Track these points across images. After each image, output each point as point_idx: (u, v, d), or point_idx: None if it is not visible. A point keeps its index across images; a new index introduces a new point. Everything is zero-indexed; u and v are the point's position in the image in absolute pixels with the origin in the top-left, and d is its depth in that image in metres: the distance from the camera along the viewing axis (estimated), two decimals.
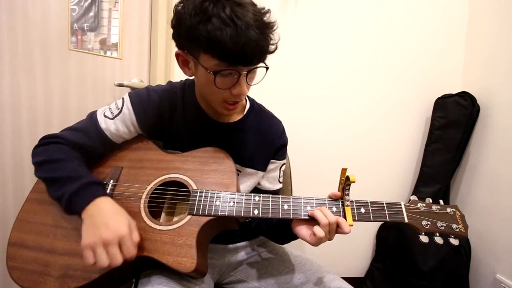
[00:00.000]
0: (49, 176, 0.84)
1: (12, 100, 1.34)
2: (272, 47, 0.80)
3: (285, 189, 1.36)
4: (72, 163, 0.85)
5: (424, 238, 0.82)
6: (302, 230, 0.82)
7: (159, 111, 0.94)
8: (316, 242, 0.79)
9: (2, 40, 1.30)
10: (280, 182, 1.11)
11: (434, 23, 1.77)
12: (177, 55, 0.88)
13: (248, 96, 1.07)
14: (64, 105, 1.46)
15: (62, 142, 0.89)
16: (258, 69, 0.84)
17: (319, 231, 0.77)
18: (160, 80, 1.60)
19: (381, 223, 1.87)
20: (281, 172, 1.10)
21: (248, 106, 1.04)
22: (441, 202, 0.87)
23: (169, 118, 0.96)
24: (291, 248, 1.12)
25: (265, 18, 0.78)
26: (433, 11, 1.76)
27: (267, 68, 0.84)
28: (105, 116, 0.93)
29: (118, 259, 0.72)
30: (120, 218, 0.77)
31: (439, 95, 1.76)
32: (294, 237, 0.88)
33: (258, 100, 1.09)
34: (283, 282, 1.00)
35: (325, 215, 0.79)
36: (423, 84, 1.81)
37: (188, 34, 0.77)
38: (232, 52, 0.73)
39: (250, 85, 0.85)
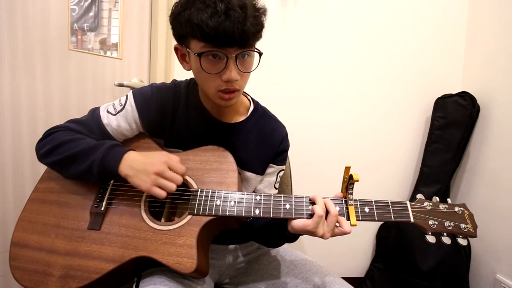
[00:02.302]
0: (69, 154, 0.85)
1: (12, 100, 1.34)
2: (257, 27, 0.79)
3: (285, 189, 1.36)
4: (86, 139, 0.88)
5: (430, 238, 0.79)
6: (301, 220, 0.78)
7: (162, 109, 0.95)
8: (316, 223, 0.75)
9: (2, 40, 1.30)
10: (276, 188, 1.09)
11: (434, 23, 1.77)
12: (175, 50, 0.89)
13: (252, 98, 1.06)
14: (64, 105, 1.46)
15: (67, 129, 0.91)
16: (253, 56, 0.84)
17: (318, 208, 0.76)
18: (160, 80, 1.60)
19: (382, 222, 1.87)
20: (278, 178, 1.09)
21: (251, 108, 1.03)
22: (449, 200, 0.85)
23: (172, 116, 0.96)
24: (292, 248, 1.12)
25: (251, 1, 0.79)
26: (433, 11, 1.76)
27: (260, 54, 0.83)
28: (108, 111, 0.94)
29: (178, 178, 0.81)
30: (154, 154, 0.84)
31: (439, 95, 1.76)
32: (288, 237, 0.86)
33: (257, 98, 1.09)
34: (283, 282, 0.99)
35: (325, 201, 0.78)
36: (423, 84, 1.81)
37: (176, 22, 0.81)
38: (213, 30, 0.73)
39: (244, 72, 0.84)
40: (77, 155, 0.85)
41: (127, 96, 0.95)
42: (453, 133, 1.70)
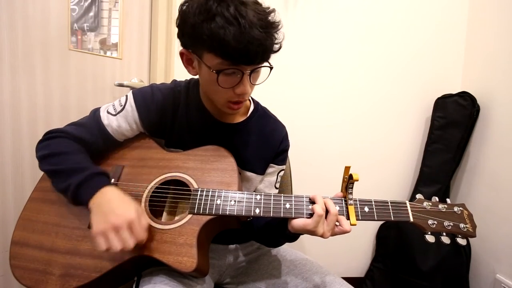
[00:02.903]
0: (54, 169, 0.85)
1: (12, 100, 1.34)
2: (276, 46, 0.80)
3: (285, 189, 1.36)
4: (76, 156, 0.87)
5: (430, 238, 0.80)
6: (301, 219, 0.78)
7: (162, 109, 0.95)
8: (315, 222, 0.76)
9: (2, 40, 1.30)
10: (276, 188, 1.09)
11: (434, 23, 1.77)
12: (181, 54, 0.88)
13: (252, 99, 1.06)
14: (64, 105, 1.46)
15: (65, 136, 0.90)
16: (262, 68, 0.84)
17: (317, 208, 0.76)
18: (160, 80, 1.60)
19: (382, 222, 1.87)
20: (279, 178, 1.09)
21: (252, 108, 1.03)
22: (448, 200, 0.85)
23: (172, 117, 0.96)
24: (291, 248, 1.12)
25: (269, 18, 0.77)
26: (433, 11, 1.76)
27: (271, 68, 0.83)
28: (108, 112, 0.94)
29: (130, 243, 0.73)
30: (127, 204, 0.78)
31: (439, 95, 1.76)
32: (289, 236, 0.87)
33: (258, 99, 1.09)
34: (283, 282, 0.99)
35: (325, 201, 0.79)
36: (423, 84, 1.81)
37: (192, 32, 0.77)
38: (235, 51, 0.72)
39: (254, 84, 0.85)
40: (60, 172, 0.85)
41: (127, 96, 0.95)
42: (453, 133, 1.70)
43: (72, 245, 0.83)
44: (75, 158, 0.86)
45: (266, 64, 0.82)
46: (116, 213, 0.74)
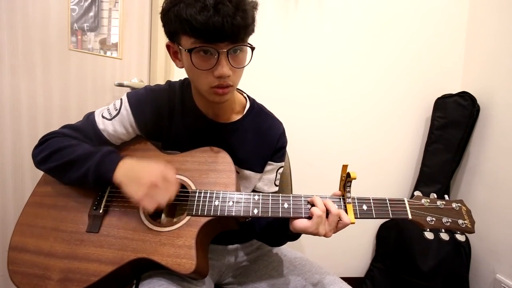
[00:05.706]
0: (65, 161, 0.85)
1: (12, 100, 1.34)
2: (247, 21, 0.77)
3: (285, 189, 1.36)
4: (82, 145, 0.88)
5: (429, 235, 0.80)
6: (302, 221, 0.79)
7: (158, 112, 0.94)
8: (316, 224, 0.76)
9: (2, 40, 1.30)
10: (276, 185, 1.09)
11: (434, 23, 1.77)
12: (167, 47, 0.89)
13: (248, 96, 1.05)
14: (64, 105, 1.46)
15: (62, 136, 0.91)
16: (247, 53, 0.83)
17: (316, 210, 0.76)
18: (160, 80, 1.60)
19: (381, 223, 1.87)
20: (278, 175, 1.08)
21: (248, 106, 1.02)
22: (446, 197, 0.85)
23: (168, 118, 0.95)
24: (291, 249, 1.12)
25: None
26: (433, 11, 1.76)
27: (252, 49, 0.82)
28: (103, 117, 0.93)
29: (172, 191, 0.78)
30: (150, 163, 0.82)
31: (439, 95, 1.76)
32: (291, 236, 0.87)
33: (258, 99, 1.08)
34: (283, 283, 0.99)
35: (325, 201, 0.79)
36: (423, 84, 1.80)
37: (166, 19, 0.80)
38: (202, 25, 0.72)
39: (236, 68, 0.82)
40: (73, 162, 0.84)
41: (121, 100, 0.94)
42: (453, 133, 1.69)
43: (70, 249, 0.83)
44: (83, 146, 0.87)
45: (244, 44, 0.80)
46: (146, 173, 0.78)
